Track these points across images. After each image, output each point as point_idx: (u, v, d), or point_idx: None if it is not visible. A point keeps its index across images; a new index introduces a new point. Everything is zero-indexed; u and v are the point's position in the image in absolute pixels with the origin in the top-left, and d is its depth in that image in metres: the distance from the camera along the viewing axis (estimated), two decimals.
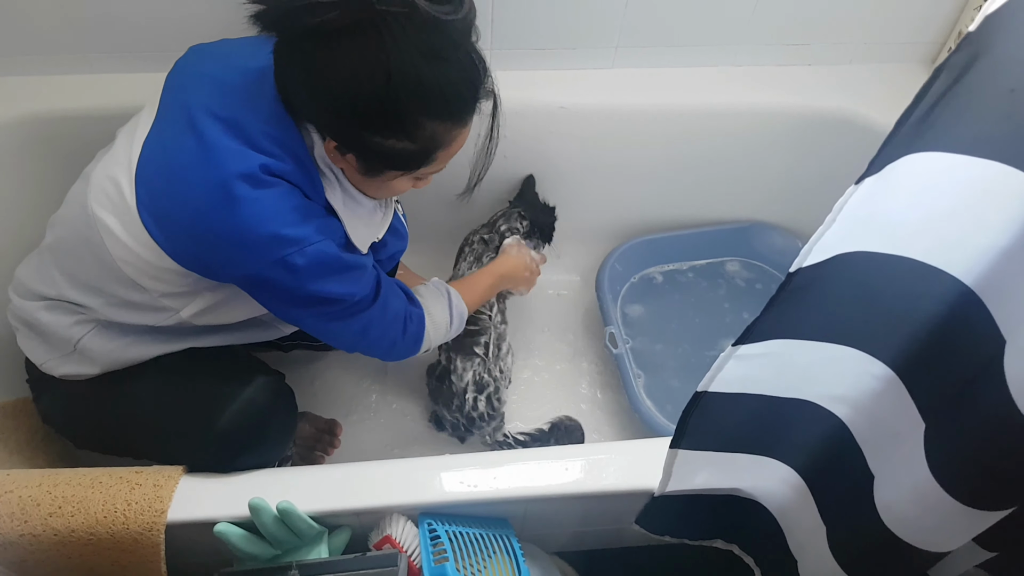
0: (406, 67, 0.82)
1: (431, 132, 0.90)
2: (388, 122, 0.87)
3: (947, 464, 0.76)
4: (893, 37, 1.54)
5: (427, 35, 0.82)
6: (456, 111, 0.91)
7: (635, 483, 1.05)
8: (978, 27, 0.54)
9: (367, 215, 1.07)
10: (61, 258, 1.02)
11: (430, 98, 0.86)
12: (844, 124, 1.53)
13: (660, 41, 1.49)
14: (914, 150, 0.62)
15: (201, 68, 1.00)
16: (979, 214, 0.64)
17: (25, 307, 1.06)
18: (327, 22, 0.79)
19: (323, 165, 0.97)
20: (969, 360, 0.71)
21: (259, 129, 0.91)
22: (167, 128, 0.95)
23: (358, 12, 0.80)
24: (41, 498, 0.96)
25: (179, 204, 0.90)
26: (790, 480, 0.99)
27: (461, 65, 0.87)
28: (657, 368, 1.60)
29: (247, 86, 0.94)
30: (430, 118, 0.88)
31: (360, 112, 0.86)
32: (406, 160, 0.93)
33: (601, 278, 1.63)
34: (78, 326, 1.04)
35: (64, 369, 1.07)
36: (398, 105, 0.85)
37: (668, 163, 1.63)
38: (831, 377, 0.84)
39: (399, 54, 0.81)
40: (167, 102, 0.99)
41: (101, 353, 1.05)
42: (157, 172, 0.93)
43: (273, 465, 1.14)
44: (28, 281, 1.06)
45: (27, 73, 1.40)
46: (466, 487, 1.04)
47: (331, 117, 0.89)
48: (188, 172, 0.90)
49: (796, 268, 0.71)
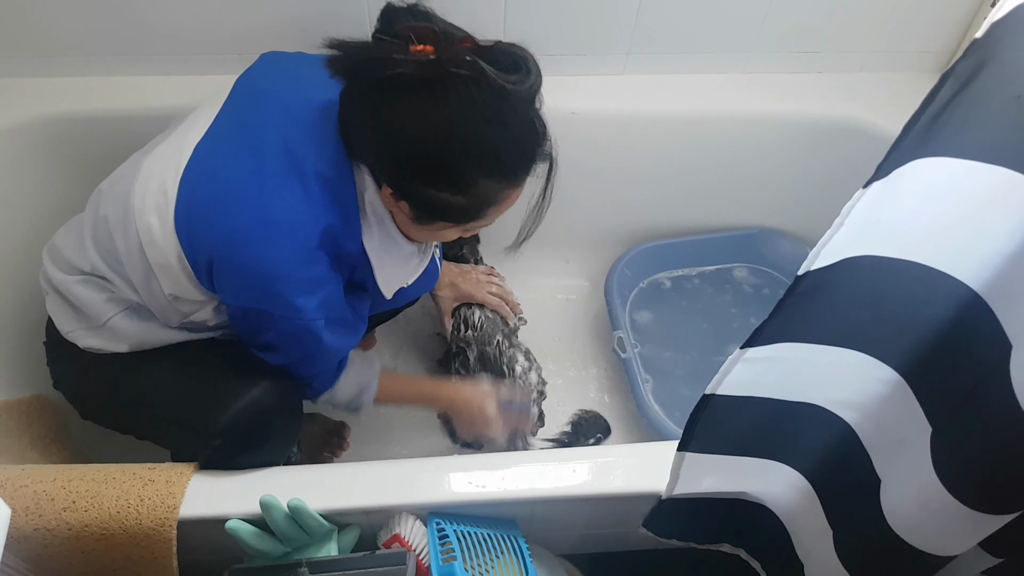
0: (467, 128, 0.86)
1: (485, 190, 0.93)
2: (444, 177, 0.91)
3: (953, 468, 0.76)
4: (903, 46, 1.55)
5: (491, 100, 0.86)
6: (511, 173, 0.94)
7: (642, 486, 1.06)
8: (984, 34, 0.55)
9: (403, 260, 1.11)
10: (98, 235, 1.03)
11: (487, 159, 0.90)
12: (853, 132, 1.53)
13: (671, 48, 1.50)
14: (921, 155, 0.63)
15: (273, 87, 1.02)
16: (985, 219, 0.65)
17: (59, 278, 1.06)
18: (399, 76, 0.83)
19: (369, 210, 1.00)
20: (976, 365, 0.72)
21: (315, 170, 0.94)
22: (226, 140, 0.98)
23: (429, 70, 0.83)
24: (55, 493, 0.97)
25: (213, 221, 0.93)
26: (797, 484, 1.00)
27: (521, 130, 0.91)
28: (665, 374, 1.60)
29: (313, 122, 0.97)
30: (485, 177, 0.91)
31: (418, 165, 0.90)
32: (458, 214, 0.96)
33: (610, 283, 1.64)
34: (110, 303, 1.05)
35: (90, 342, 1.07)
36: (455, 163, 0.89)
37: (678, 169, 1.63)
38: (838, 381, 0.84)
39: (462, 115, 0.85)
40: (231, 112, 1.01)
41: (130, 333, 1.06)
42: (204, 180, 0.95)
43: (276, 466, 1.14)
44: (65, 250, 1.07)
45: (44, 75, 1.41)
46: (475, 487, 1.05)
47: (390, 166, 0.93)
48: (234, 198, 0.93)
49: (804, 271, 0.72)
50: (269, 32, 1.36)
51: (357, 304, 1.11)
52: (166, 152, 1.00)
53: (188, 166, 0.95)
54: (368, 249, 1.03)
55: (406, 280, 1.14)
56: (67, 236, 1.09)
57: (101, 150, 1.37)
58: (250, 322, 1.02)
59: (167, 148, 1.00)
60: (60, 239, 1.09)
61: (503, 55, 0.87)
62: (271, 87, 1.02)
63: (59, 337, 1.10)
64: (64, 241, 1.08)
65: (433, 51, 0.84)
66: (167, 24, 1.36)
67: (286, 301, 0.95)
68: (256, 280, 0.94)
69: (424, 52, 0.84)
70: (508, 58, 0.87)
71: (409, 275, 1.15)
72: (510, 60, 0.87)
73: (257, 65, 1.08)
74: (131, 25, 1.36)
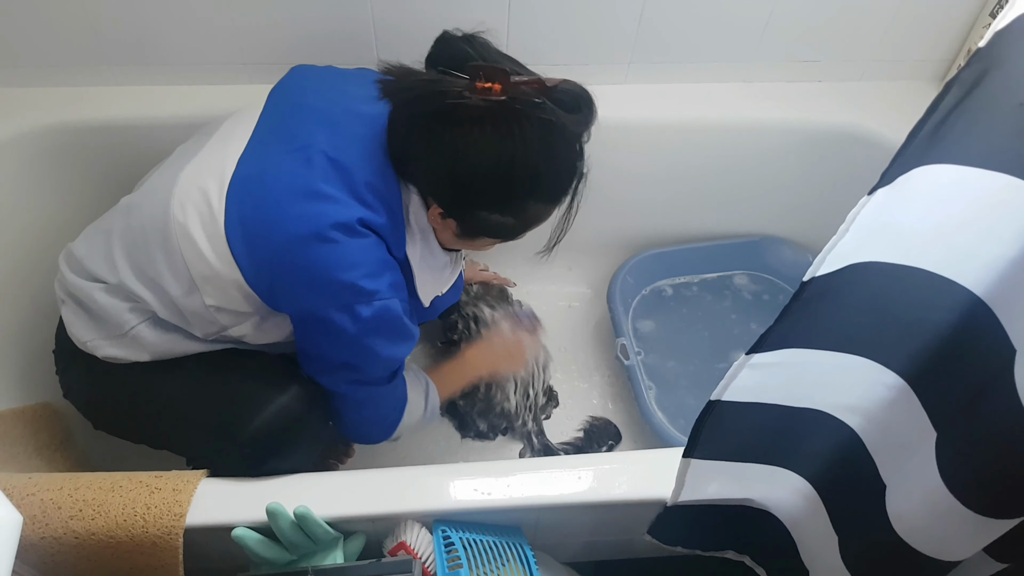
0: (527, 162, 0.90)
1: (534, 212, 0.99)
2: (499, 202, 0.96)
3: (958, 473, 0.76)
4: (903, 55, 1.56)
5: (551, 136, 0.90)
6: (557, 196, 0.99)
7: (647, 493, 1.06)
8: (988, 42, 0.56)
9: (439, 269, 1.13)
10: (130, 247, 1.02)
11: (541, 187, 0.96)
12: (854, 140, 1.54)
13: (672, 57, 1.51)
14: (925, 162, 0.64)
15: (313, 100, 1.04)
16: (990, 225, 0.65)
17: (79, 284, 1.05)
18: (464, 108, 0.86)
19: (413, 220, 1.02)
20: (980, 370, 0.72)
21: (364, 179, 0.96)
22: (271, 150, 0.99)
23: (496, 107, 0.87)
24: (62, 501, 0.98)
25: (272, 233, 0.94)
26: (802, 490, 1.00)
27: (571, 158, 0.96)
28: (668, 381, 1.61)
29: (360, 133, 0.99)
30: (536, 201, 0.97)
31: (475, 192, 0.94)
32: (505, 232, 1.02)
33: (613, 290, 1.65)
34: (133, 313, 1.04)
35: (110, 351, 1.06)
36: (512, 190, 0.94)
37: (679, 177, 1.64)
38: (843, 386, 0.85)
39: (524, 148, 0.89)
40: (272, 123, 1.02)
41: (154, 343, 1.05)
42: (254, 194, 0.96)
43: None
44: (85, 259, 1.05)
45: (54, 84, 1.42)
46: (480, 495, 1.05)
47: (444, 189, 0.96)
48: (288, 207, 0.94)
49: (809, 277, 0.72)
50: (275, 43, 1.38)
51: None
52: (205, 164, 1.00)
53: (234, 178, 0.96)
54: (411, 258, 1.05)
55: (441, 289, 1.16)
56: (90, 246, 1.07)
57: (106, 160, 1.38)
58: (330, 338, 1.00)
59: (206, 160, 1.01)
60: (81, 248, 1.08)
61: (566, 95, 0.91)
62: (311, 100, 1.04)
63: (71, 346, 1.09)
64: (86, 251, 1.07)
65: (500, 89, 0.87)
66: (172, 34, 1.37)
67: (359, 287, 0.96)
68: (322, 277, 0.95)
69: (492, 90, 0.87)
70: (571, 98, 0.91)
71: (443, 284, 1.17)
72: (572, 100, 0.91)
73: (291, 78, 1.09)
74: (136, 35, 1.37)
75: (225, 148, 1.00)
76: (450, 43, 0.96)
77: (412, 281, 1.07)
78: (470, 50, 0.93)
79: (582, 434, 1.54)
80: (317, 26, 1.35)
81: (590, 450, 1.51)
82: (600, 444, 1.52)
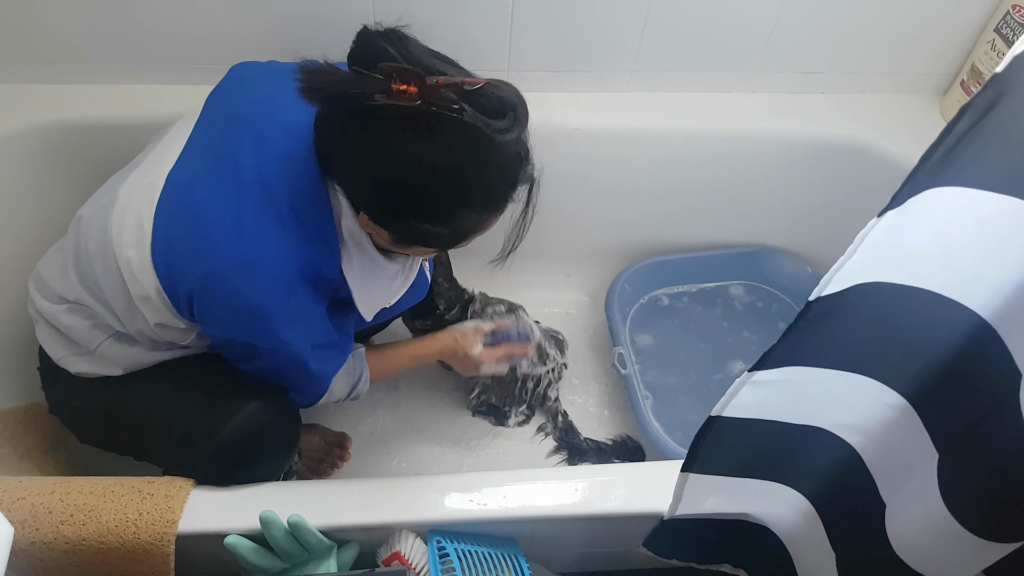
0: (449, 169, 0.83)
1: (467, 222, 0.92)
2: (425, 212, 0.89)
3: (960, 495, 0.76)
4: (905, 68, 1.56)
5: (474, 142, 0.83)
6: (493, 206, 0.92)
7: (643, 506, 1.05)
8: (1005, 68, 0.55)
9: (387, 280, 1.09)
10: (80, 265, 1.03)
11: (469, 196, 0.88)
12: (855, 152, 1.54)
13: (675, 66, 1.51)
14: (936, 184, 0.63)
15: (244, 110, 0.99)
16: (997, 249, 0.65)
17: (46, 307, 1.06)
18: (379, 110, 0.80)
19: (347, 235, 0.98)
20: (985, 393, 0.72)
21: (290, 202, 0.93)
22: (200, 171, 0.96)
23: (412, 112, 0.80)
24: (53, 506, 0.97)
25: (194, 262, 0.92)
26: (800, 506, 0.99)
27: (504, 165, 0.88)
28: (666, 393, 1.60)
29: (286, 148, 0.95)
30: (468, 211, 0.90)
31: (398, 199, 0.88)
32: (438, 242, 0.96)
33: (610, 298, 1.64)
34: (97, 330, 1.04)
35: (82, 367, 1.07)
36: (436, 199, 0.87)
37: (679, 186, 1.64)
38: (845, 405, 0.84)
39: (444, 156, 0.82)
40: (204, 138, 0.99)
41: (121, 357, 1.06)
42: (180, 219, 0.93)
43: (275, 479, 1.14)
44: (50, 279, 1.06)
45: (52, 81, 1.41)
46: (475, 505, 1.04)
47: (369, 196, 0.91)
48: (213, 240, 0.91)
49: (815, 297, 0.72)
50: (272, 41, 1.36)
51: (343, 322, 1.10)
52: (141, 181, 0.98)
53: (162, 197, 0.94)
54: (347, 275, 1.01)
55: (388, 301, 1.12)
56: (51, 265, 1.08)
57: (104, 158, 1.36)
58: (236, 351, 1.03)
59: (142, 176, 0.99)
60: (44, 268, 1.09)
61: (490, 99, 0.83)
62: (243, 111, 0.99)
63: (52, 363, 1.09)
64: (49, 270, 1.07)
65: (416, 92, 0.80)
66: (170, 32, 1.35)
67: (270, 334, 0.96)
68: (238, 315, 0.94)
69: (408, 93, 0.79)
70: (495, 103, 0.83)
71: (392, 295, 1.12)
72: (497, 105, 0.83)
73: (227, 84, 1.05)
74: (134, 33, 1.35)
75: (159, 163, 0.98)
76: (370, 40, 0.86)
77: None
78: (390, 48, 0.84)
79: (610, 442, 1.55)
80: (315, 24, 1.34)
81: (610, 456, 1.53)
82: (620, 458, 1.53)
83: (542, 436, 1.56)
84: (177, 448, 1.09)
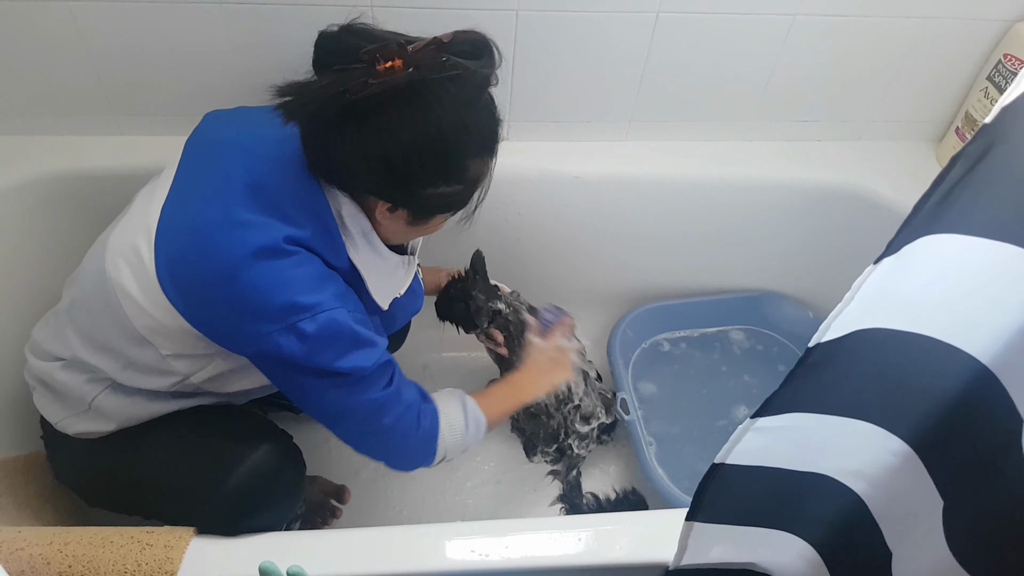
0: (453, 121, 0.87)
1: (474, 170, 0.95)
2: (441, 173, 0.92)
3: (966, 542, 0.75)
4: (900, 116, 1.59)
5: (465, 88, 0.88)
6: (491, 146, 0.96)
7: (648, 555, 1.04)
8: (994, 118, 0.56)
9: (391, 270, 1.09)
10: (77, 318, 1.04)
11: (473, 143, 0.92)
12: (853, 198, 1.56)
13: (672, 116, 1.54)
14: (931, 232, 0.64)
15: (224, 135, 1.02)
16: (995, 294, 0.65)
17: (41, 367, 1.07)
18: (364, 99, 0.82)
19: (350, 224, 0.98)
20: (987, 438, 0.72)
21: (285, 196, 0.94)
22: (189, 194, 0.97)
23: (406, 82, 0.83)
24: (52, 556, 0.96)
25: (200, 271, 0.92)
26: (806, 555, 0.98)
27: (491, 102, 0.94)
28: (670, 441, 1.59)
29: (272, 154, 0.96)
30: (473, 158, 0.94)
31: (414, 170, 0.90)
32: (455, 202, 0.99)
33: (613, 344, 1.64)
34: (91, 384, 1.05)
35: (79, 427, 1.07)
36: (448, 155, 0.91)
37: (679, 232, 1.65)
38: (848, 452, 0.84)
39: (446, 111, 0.86)
40: (188, 167, 1.01)
41: (115, 410, 1.06)
42: (178, 237, 0.94)
43: (281, 527, 1.13)
44: (44, 342, 1.08)
45: (57, 133, 1.44)
46: (478, 555, 1.03)
47: (384, 181, 0.92)
48: (211, 241, 0.92)
49: (815, 343, 0.72)
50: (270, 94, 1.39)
51: None
52: (131, 223, 0.99)
53: (159, 227, 0.95)
54: (357, 263, 1.00)
55: (399, 290, 1.11)
56: (46, 328, 1.10)
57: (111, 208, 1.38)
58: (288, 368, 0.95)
59: (131, 220, 1.00)
60: (38, 333, 1.11)
61: (467, 44, 0.88)
62: (225, 135, 1.02)
63: (53, 430, 1.10)
64: (43, 334, 1.10)
65: (402, 64, 0.83)
66: (177, 84, 1.39)
67: (295, 303, 0.90)
68: (259, 305, 0.90)
69: (394, 68, 0.83)
70: (471, 46, 0.88)
71: (400, 285, 1.12)
72: (473, 47, 0.89)
73: (203, 125, 1.07)
74: (142, 85, 1.38)
75: (150, 201, 0.99)
76: (332, 41, 0.90)
77: (364, 286, 1.03)
78: (355, 40, 0.88)
79: (613, 494, 1.53)
80: None
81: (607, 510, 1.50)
82: None
83: (550, 479, 1.55)
84: (182, 501, 1.08)
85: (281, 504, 1.12)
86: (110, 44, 1.31)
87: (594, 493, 1.53)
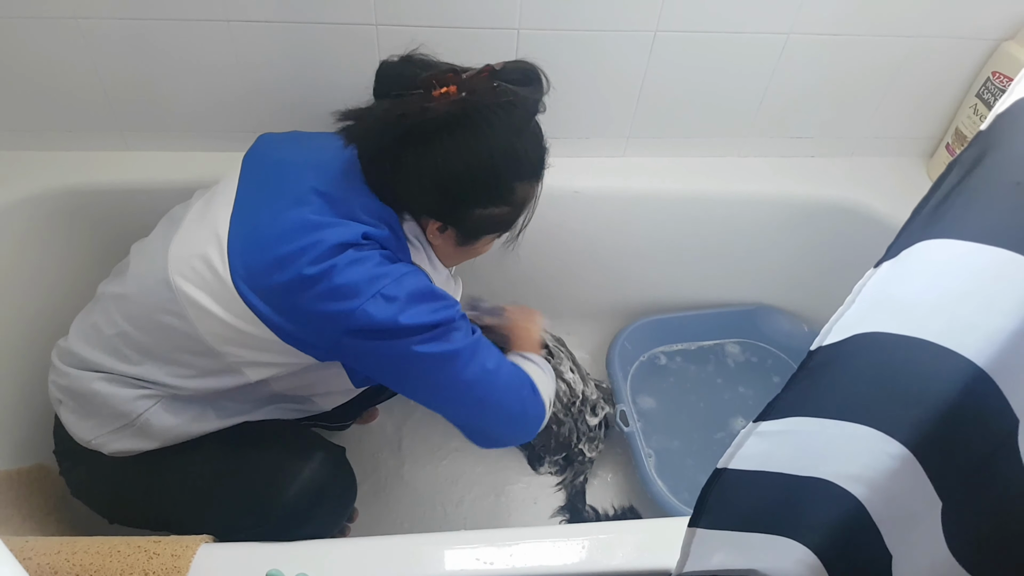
0: (504, 147, 0.92)
1: (522, 193, 1.00)
2: (490, 195, 0.97)
3: (966, 543, 0.76)
4: (892, 132, 1.62)
5: (516, 114, 0.92)
6: (539, 169, 1.01)
7: (650, 563, 1.05)
8: (988, 126, 0.59)
9: (444, 282, 1.11)
10: (139, 335, 1.00)
11: (522, 167, 0.97)
12: (846, 213, 1.59)
13: (670, 132, 1.56)
14: (928, 237, 0.66)
15: (288, 156, 1.05)
16: (990, 298, 0.67)
17: (80, 377, 1.02)
18: (431, 122, 0.88)
19: (411, 236, 1.03)
20: (984, 439, 0.73)
21: (357, 203, 0.97)
22: (261, 205, 0.98)
23: (460, 107, 0.88)
24: (59, 566, 0.96)
25: (284, 272, 0.92)
26: (806, 560, 0.99)
27: (539, 128, 0.99)
28: (671, 455, 1.61)
29: (342, 169, 1.00)
30: (521, 181, 0.99)
31: (465, 193, 0.95)
32: (503, 223, 1.03)
33: (611, 356, 1.66)
34: (142, 400, 1.02)
35: (117, 445, 1.04)
36: (498, 178, 0.95)
37: (676, 246, 1.68)
38: (848, 455, 0.85)
39: (497, 135, 0.91)
40: (253, 183, 1.02)
41: (163, 428, 1.04)
42: (255, 244, 0.94)
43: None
44: (87, 354, 1.03)
45: (64, 148, 1.45)
46: (482, 564, 1.03)
47: (437, 202, 0.97)
48: (294, 242, 0.92)
49: (816, 346, 0.73)
50: (282, 113, 1.41)
51: None
52: (193, 235, 0.99)
53: (231, 236, 0.96)
54: (420, 266, 1.03)
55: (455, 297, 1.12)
56: (87, 340, 1.05)
57: (114, 223, 1.40)
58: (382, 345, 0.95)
59: (191, 232, 1.00)
60: (76, 343, 1.05)
61: (516, 72, 0.94)
62: (288, 156, 1.05)
63: (74, 445, 1.07)
64: (83, 345, 1.04)
65: (456, 89, 0.89)
66: (184, 100, 1.40)
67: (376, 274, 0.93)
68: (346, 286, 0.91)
69: (448, 93, 0.89)
70: (521, 74, 0.95)
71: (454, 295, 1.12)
72: (523, 75, 0.95)
73: (260, 144, 1.10)
74: (148, 101, 1.40)
75: (211, 216, 0.99)
76: (392, 69, 0.97)
77: None
78: (413, 69, 0.95)
79: (612, 511, 1.55)
80: (327, 97, 1.39)
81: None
82: None
83: (551, 491, 1.56)
84: (232, 515, 1.08)
85: (334, 515, 1.15)
86: (117, 61, 1.32)
87: (593, 507, 1.54)
